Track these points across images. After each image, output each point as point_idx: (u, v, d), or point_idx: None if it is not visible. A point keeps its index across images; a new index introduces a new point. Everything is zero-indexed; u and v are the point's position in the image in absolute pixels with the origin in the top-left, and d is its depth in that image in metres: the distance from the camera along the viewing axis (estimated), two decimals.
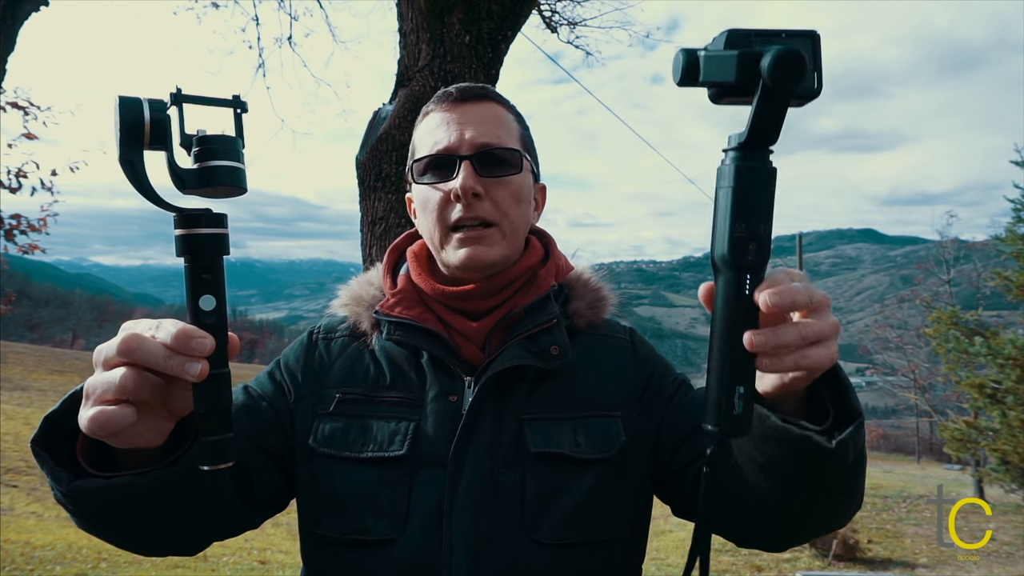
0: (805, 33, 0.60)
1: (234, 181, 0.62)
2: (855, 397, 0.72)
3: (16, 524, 7.32)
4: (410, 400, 0.95)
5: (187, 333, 0.59)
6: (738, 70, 0.56)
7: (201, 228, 0.61)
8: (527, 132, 1.04)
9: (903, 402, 29.78)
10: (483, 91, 1.01)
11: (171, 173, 0.61)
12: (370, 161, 3.49)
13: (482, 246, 0.94)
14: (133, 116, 0.59)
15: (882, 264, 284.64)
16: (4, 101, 8.18)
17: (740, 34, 0.58)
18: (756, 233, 0.59)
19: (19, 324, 44.87)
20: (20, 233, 8.50)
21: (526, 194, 1.00)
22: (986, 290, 17.02)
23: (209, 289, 0.61)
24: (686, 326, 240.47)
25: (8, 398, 14.62)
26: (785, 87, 0.55)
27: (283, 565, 7.00)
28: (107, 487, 0.68)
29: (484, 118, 0.97)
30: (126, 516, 0.73)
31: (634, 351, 1.04)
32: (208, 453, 0.62)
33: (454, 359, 0.95)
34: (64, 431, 0.70)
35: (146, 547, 0.85)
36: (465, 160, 0.94)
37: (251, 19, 6.47)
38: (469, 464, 0.90)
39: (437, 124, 0.97)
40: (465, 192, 0.92)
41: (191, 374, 0.59)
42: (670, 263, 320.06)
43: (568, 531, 0.90)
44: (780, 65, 0.54)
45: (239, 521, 0.92)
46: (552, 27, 6.84)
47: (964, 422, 12.21)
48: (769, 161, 0.60)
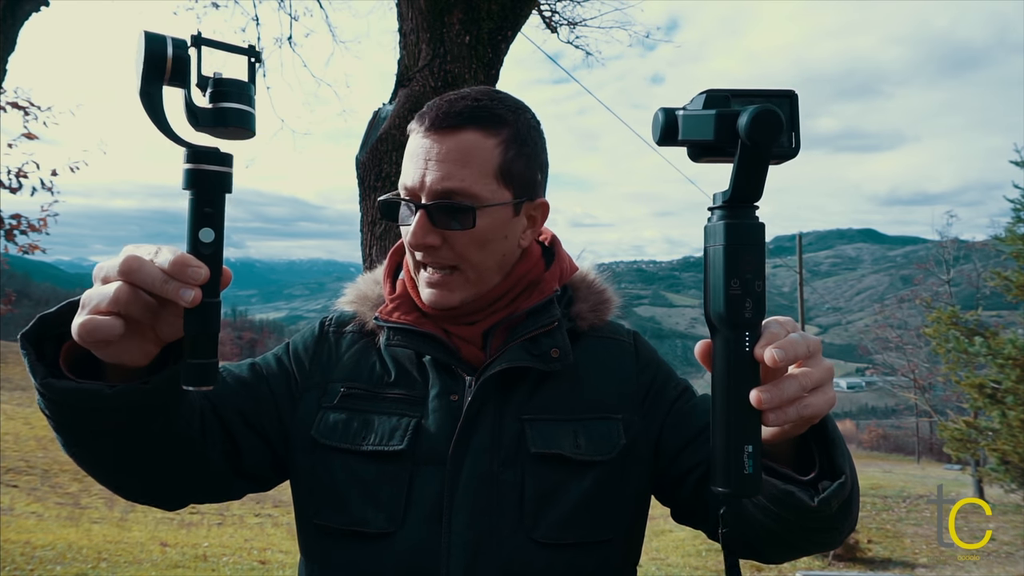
0: (783, 93, 0.61)
1: (245, 123, 0.65)
2: (841, 452, 0.75)
3: (16, 524, 7.32)
4: (412, 397, 0.96)
5: (184, 260, 0.62)
6: (716, 129, 0.58)
7: (209, 164, 0.64)
8: (518, 151, 0.94)
9: (903, 402, 29.79)
10: (460, 117, 0.91)
11: (187, 110, 0.64)
12: (370, 161, 3.49)
13: (444, 290, 0.94)
14: (156, 50, 0.61)
15: (882, 264, 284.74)
16: (4, 101, 8.19)
17: (718, 94, 0.60)
18: (751, 290, 0.60)
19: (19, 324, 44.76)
20: (20, 233, 8.52)
21: (492, 235, 0.94)
22: (986, 290, 17.02)
23: (209, 222, 0.64)
24: (686, 326, 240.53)
25: (8, 398, 14.63)
26: (763, 145, 0.57)
27: (283, 565, 7.01)
28: (75, 388, 0.70)
29: (451, 155, 0.91)
30: (98, 434, 0.76)
31: (637, 354, 1.05)
32: (192, 374, 0.65)
33: (455, 360, 0.96)
34: (54, 334, 0.73)
35: (123, 484, 0.87)
36: (421, 209, 0.91)
37: (251, 19, 6.48)
38: (468, 462, 0.91)
39: (410, 153, 0.94)
40: (416, 247, 0.92)
41: (185, 299, 0.62)
42: (670, 263, 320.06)
43: (566, 531, 0.91)
44: (757, 124, 0.55)
45: (220, 486, 0.95)
46: (552, 27, 6.84)
47: (964, 422, 12.21)
48: (756, 217, 0.61)
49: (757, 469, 0.62)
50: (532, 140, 0.97)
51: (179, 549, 7.06)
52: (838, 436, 0.75)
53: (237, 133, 0.66)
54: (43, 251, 8.79)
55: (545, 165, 1.01)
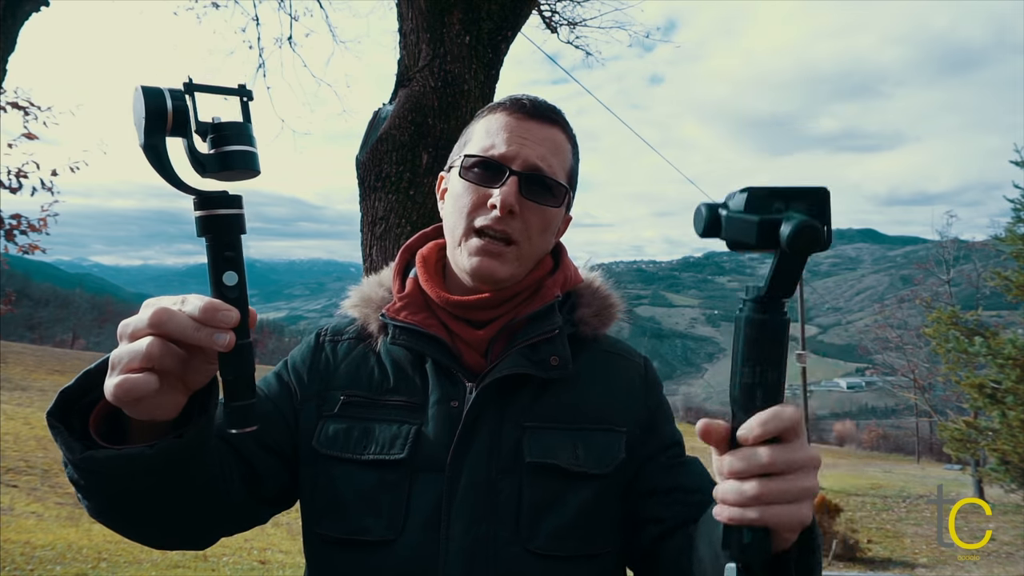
0: (816, 191, 0.64)
1: (250, 165, 0.66)
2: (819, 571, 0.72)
3: (16, 524, 7.32)
4: (413, 404, 0.96)
5: (214, 306, 0.63)
6: (758, 236, 0.61)
7: (221, 209, 0.65)
8: (576, 165, 1.05)
9: (903, 402, 29.79)
10: (554, 114, 1.01)
11: (191, 158, 0.65)
12: (370, 161, 3.49)
13: (496, 261, 0.95)
14: (156, 105, 0.62)
15: (882, 264, 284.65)
16: (4, 101, 8.19)
17: (759, 194, 0.62)
18: (764, 380, 0.63)
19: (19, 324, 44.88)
20: (20, 233, 8.51)
21: (554, 225, 1.01)
22: (986, 290, 17.02)
23: (231, 265, 0.65)
24: (686, 326, 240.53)
25: (8, 398, 14.63)
26: (803, 255, 0.61)
27: (283, 565, 7.01)
28: (118, 456, 0.69)
29: (545, 141, 0.98)
30: (135, 493, 0.74)
31: (646, 377, 1.05)
32: (235, 417, 0.66)
33: (457, 365, 0.96)
34: (78, 407, 0.72)
35: (155, 536, 0.86)
36: (514, 175, 0.94)
37: (251, 19, 6.46)
38: (467, 469, 0.91)
39: (500, 128, 0.97)
40: (504, 206, 0.93)
41: (220, 344, 0.62)
42: (670, 263, 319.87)
43: (562, 543, 0.90)
44: (800, 237, 0.59)
45: (246, 516, 0.94)
46: (552, 27, 6.84)
47: (964, 422, 12.22)
48: (783, 313, 0.64)
49: (757, 539, 0.63)
50: (579, 159, 1.06)
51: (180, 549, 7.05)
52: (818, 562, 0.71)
53: (243, 175, 0.67)
54: (43, 251, 8.78)
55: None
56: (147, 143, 0.63)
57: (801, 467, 0.63)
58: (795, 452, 0.62)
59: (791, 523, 0.63)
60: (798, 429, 0.63)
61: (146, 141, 0.62)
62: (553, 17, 6.82)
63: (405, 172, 3.43)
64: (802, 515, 0.63)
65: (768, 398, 0.63)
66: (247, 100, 0.68)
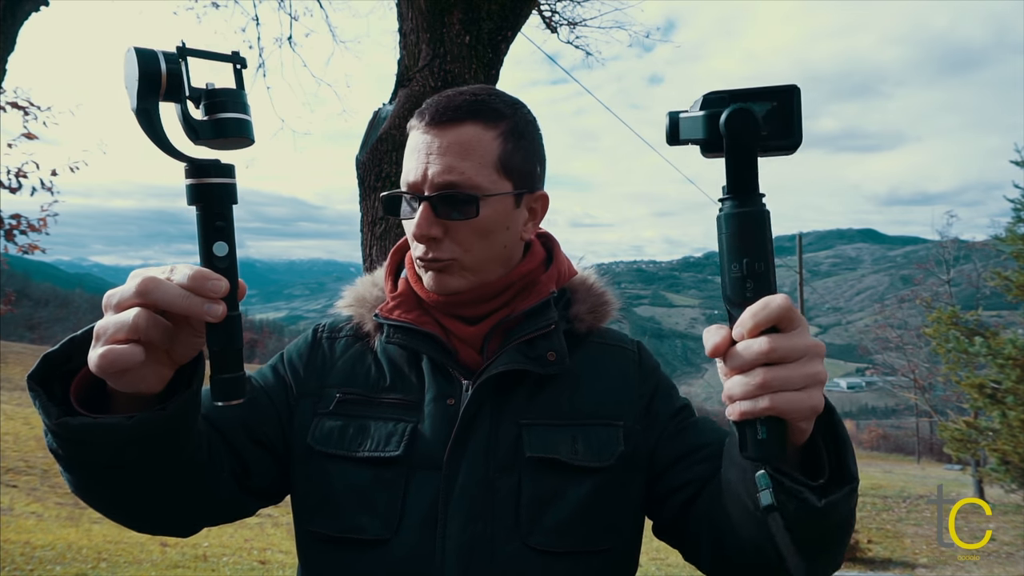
0: (782, 88, 0.65)
1: (244, 132, 0.65)
2: (853, 460, 0.71)
3: (16, 524, 7.32)
4: (409, 402, 0.95)
5: (204, 275, 0.61)
6: (705, 129, 0.64)
7: (213, 177, 0.64)
8: (517, 144, 0.96)
9: (903, 402, 29.81)
10: (459, 111, 0.93)
11: (185, 124, 0.64)
12: (370, 161, 3.49)
13: (444, 275, 0.95)
14: (150, 67, 0.60)
15: (882, 264, 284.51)
16: (4, 101, 8.18)
17: (715, 96, 0.65)
18: (752, 271, 0.63)
19: (19, 324, 44.86)
20: (20, 233, 8.50)
21: (494, 225, 0.95)
22: (986, 290, 17.02)
23: (222, 236, 0.64)
24: (686, 326, 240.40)
25: (8, 398, 14.63)
26: (740, 140, 0.63)
27: (283, 565, 7.01)
28: (93, 424, 0.67)
29: (452, 148, 0.92)
30: (113, 468, 0.73)
31: (640, 364, 1.04)
32: (222, 390, 0.64)
33: (452, 362, 0.96)
34: (60, 373, 0.70)
35: (136, 517, 0.84)
36: (424, 201, 0.92)
37: (251, 19, 6.48)
38: (464, 467, 0.90)
39: (410, 151, 0.96)
40: (420, 238, 0.93)
41: (212, 314, 0.61)
42: (670, 263, 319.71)
43: (563, 539, 0.89)
44: (730, 122, 0.62)
45: (233, 507, 0.93)
46: (552, 27, 6.84)
47: (964, 422, 12.22)
48: (759, 204, 0.64)
49: (772, 435, 0.62)
50: (529, 133, 0.99)
51: (179, 549, 7.05)
52: (848, 441, 0.71)
53: (237, 143, 0.66)
54: (43, 251, 8.78)
55: (543, 158, 1.02)
56: (139, 107, 0.61)
57: (803, 354, 0.61)
58: (794, 339, 0.61)
59: (802, 409, 0.62)
60: (793, 316, 0.62)
61: (139, 105, 0.61)
62: (553, 17, 6.82)
63: None
64: (813, 401, 0.62)
65: (758, 290, 0.62)
66: (240, 68, 0.66)
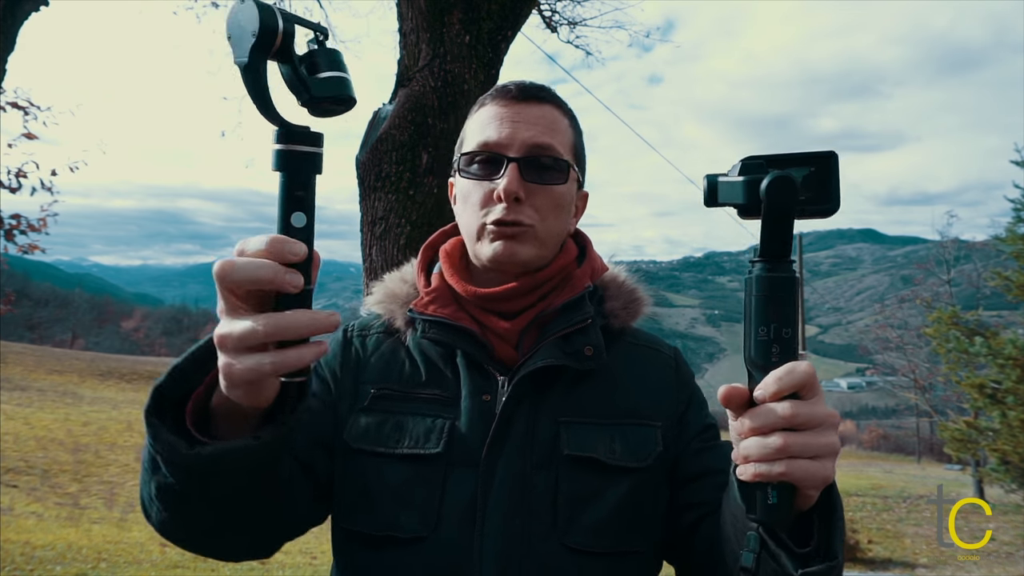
0: (822, 155, 0.66)
1: (351, 92, 0.64)
2: (840, 538, 0.69)
3: (16, 524, 7.32)
4: (445, 398, 0.94)
5: (281, 240, 0.60)
6: (744, 194, 0.65)
7: (302, 145, 0.62)
8: (580, 139, 1.03)
9: (903, 402, 29.77)
10: (542, 92, 0.99)
11: (298, 83, 0.63)
12: (370, 161, 3.49)
13: (515, 243, 0.94)
14: (270, 22, 0.59)
15: (882, 264, 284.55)
16: (4, 101, 8.18)
17: (753, 162, 0.67)
18: (779, 336, 0.64)
19: (19, 324, 44.81)
20: (20, 233, 8.50)
21: (567, 202, 0.99)
22: (986, 290, 17.03)
23: (301, 206, 0.62)
24: (686, 326, 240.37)
25: (8, 398, 14.62)
26: (780, 207, 0.63)
27: (283, 565, 7.00)
28: (226, 449, 0.65)
29: (539, 120, 0.96)
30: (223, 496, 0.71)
31: (678, 370, 1.04)
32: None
33: (488, 358, 0.94)
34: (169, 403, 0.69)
35: (226, 546, 0.83)
36: (513, 162, 0.93)
37: None
38: (502, 464, 0.89)
39: (490, 119, 0.96)
40: (508, 195, 0.92)
41: (293, 284, 0.59)
42: (670, 263, 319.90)
43: (600, 539, 0.89)
44: (772, 191, 0.62)
45: (310, 517, 0.93)
46: (552, 27, 6.84)
47: (964, 422, 12.21)
48: (790, 270, 0.65)
49: (783, 500, 0.63)
50: (582, 133, 1.05)
51: (178, 549, 7.03)
52: (841, 519, 0.70)
53: (343, 106, 0.65)
54: (43, 251, 8.77)
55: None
56: (250, 61, 0.59)
57: (821, 422, 0.62)
58: (815, 407, 0.62)
59: (815, 478, 0.62)
60: (815, 385, 0.62)
61: (249, 59, 0.59)
62: (553, 17, 6.83)
63: (405, 172, 3.43)
64: (826, 471, 0.62)
65: (784, 355, 0.63)
66: (324, 39, 0.65)
